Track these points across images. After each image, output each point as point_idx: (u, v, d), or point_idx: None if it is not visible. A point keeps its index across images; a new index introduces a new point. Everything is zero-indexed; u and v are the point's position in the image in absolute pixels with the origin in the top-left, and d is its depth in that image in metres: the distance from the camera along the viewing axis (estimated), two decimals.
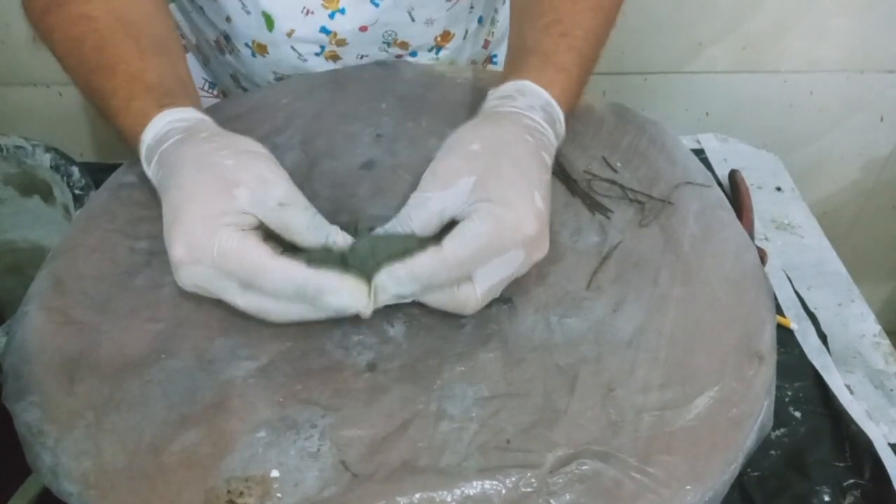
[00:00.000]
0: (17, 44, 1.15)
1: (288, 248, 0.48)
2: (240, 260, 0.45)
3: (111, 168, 0.64)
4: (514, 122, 0.52)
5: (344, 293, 0.45)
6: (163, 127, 0.52)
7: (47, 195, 0.76)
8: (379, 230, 0.50)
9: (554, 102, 0.55)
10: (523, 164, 0.49)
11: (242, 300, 0.47)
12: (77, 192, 0.71)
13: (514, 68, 0.58)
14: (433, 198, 0.48)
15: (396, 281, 0.46)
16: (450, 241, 0.46)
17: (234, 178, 0.47)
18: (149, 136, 0.53)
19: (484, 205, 0.46)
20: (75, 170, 0.72)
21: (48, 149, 0.73)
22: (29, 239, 0.82)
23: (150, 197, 0.59)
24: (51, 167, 0.73)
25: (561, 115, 0.56)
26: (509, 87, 0.56)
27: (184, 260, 0.46)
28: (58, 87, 1.22)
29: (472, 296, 0.47)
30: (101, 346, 0.49)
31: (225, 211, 0.46)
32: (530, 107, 0.54)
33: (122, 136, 0.56)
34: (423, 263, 0.45)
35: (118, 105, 0.55)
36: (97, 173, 0.69)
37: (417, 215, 0.49)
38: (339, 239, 0.49)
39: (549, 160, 0.53)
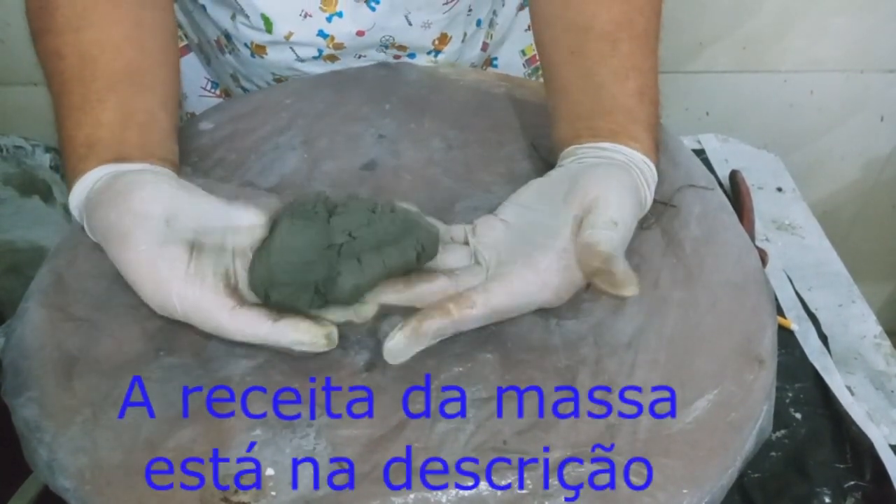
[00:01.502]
0: (17, 44, 1.15)
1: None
2: (202, 318, 0.47)
3: None
4: (638, 205, 0.52)
5: (305, 339, 0.46)
6: (78, 197, 0.53)
7: (47, 195, 0.77)
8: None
9: (653, 183, 0.55)
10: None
11: None
12: None
13: (626, 133, 0.55)
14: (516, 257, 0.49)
15: (429, 335, 0.47)
16: (499, 291, 0.47)
17: (144, 229, 0.48)
18: (73, 207, 0.53)
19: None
20: None
21: (48, 149, 0.74)
22: (29, 239, 0.82)
23: None
24: (50, 167, 0.73)
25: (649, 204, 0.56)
26: (637, 156, 0.54)
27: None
28: None
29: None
30: (99, 343, 0.49)
31: (171, 266, 0.47)
32: (648, 192, 0.54)
33: None
34: (466, 315, 0.46)
35: (63, 162, 0.55)
36: None
37: (489, 238, 0.49)
38: (255, 217, 0.49)
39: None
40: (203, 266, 0.47)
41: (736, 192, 0.85)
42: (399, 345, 0.45)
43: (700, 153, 0.92)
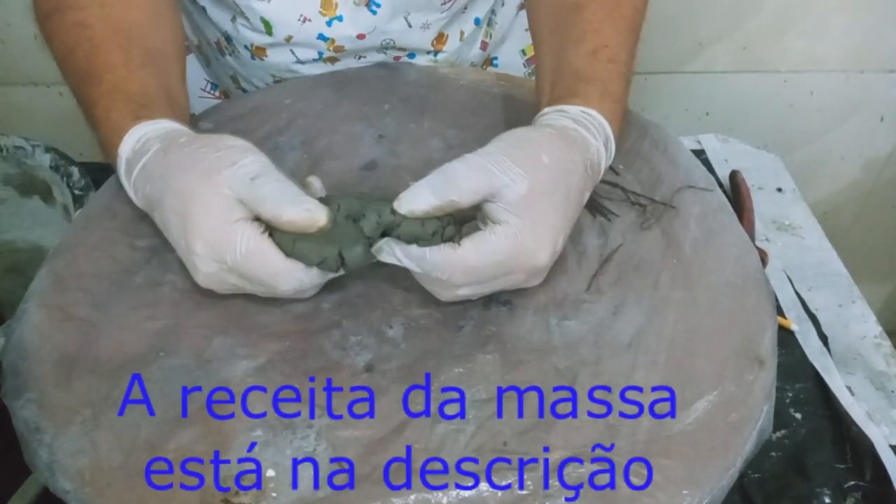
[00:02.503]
0: (17, 44, 1.15)
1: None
2: (258, 264, 0.47)
3: (111, 168, 0.64)
4: (582, 152, 0.51)
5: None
6: (138, 140, 0.52)
7: (47, 195, 0.76)
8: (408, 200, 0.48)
9: (612, 137, 0.54)
10: (570, 202, 0.49)
11: (252, 289, 0.49)
12: (77, 192, 0.71)
13: (570, 92, 0.56)
14: (493, 174, 0.47)
15: (404, 254, 0.47)
16: (468, 244, 0.46)
17: (218, 169, 0.48)
18: (126, 149, 0.52)
19: (514, 222, 0.46)
20: (75, 170, 0.72)
21: (48, 149, 0.73)
22: (28, 239, 0.82)
23: None
24: (50, 167, 0.73)
25: (613, 151, 0.55)
26: (575, 111, 0.54)
27: (207, 259, 0.47)
28: (58, 87, 1.22)
29: (452, 293, 0.48)
30: (99, 343, 0.49)
31: (230, 206, 0.47)
32: (595, 138, 0.53)
33: (102, 147, 0.56)
34: (435, 256, 0.46)
35: (99, 115, 0.55)
36: (97, 173, 0.69)
37: (468, 179, 0.47)
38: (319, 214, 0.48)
39: (587, 196, 0.53)
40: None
41: (736, 193, 0.85)
42: (398, 249, 0.47)
43: (700, 153, 0.92)
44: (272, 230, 0.47)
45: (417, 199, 0.46)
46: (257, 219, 0.47)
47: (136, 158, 0.52)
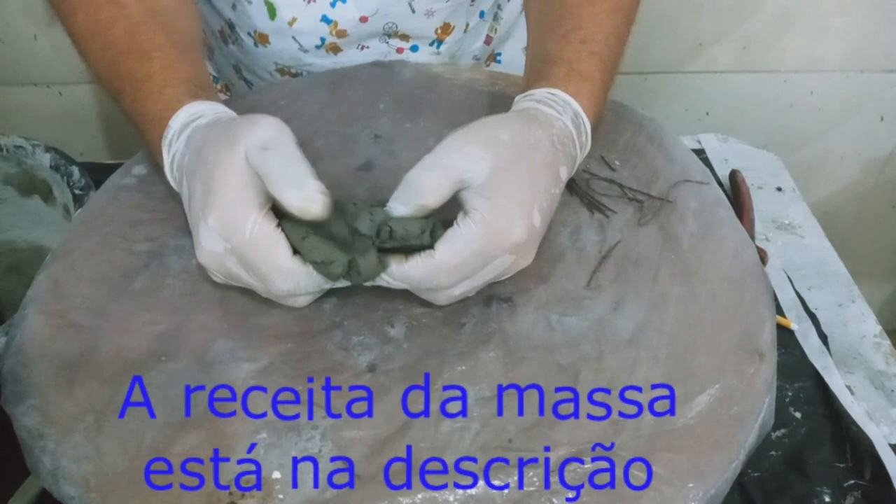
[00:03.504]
0: (18, 44, 1.15)
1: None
2: (262, 253, 0.46)
3: (111, 168, 0.64)
4: (545, 128, 0.52)
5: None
6: (193, 115, 0.53)
7: (47, 195, 0.76)
8: (392, 207, 0.48)
9: (582, 113, 0.54)
10: (537, 175, 0.49)
11: (246, 281, 0.49)
12: (77, 192, 0.70)
13: (538, 77, 0.57)
14: (451, 165, 0.47)
15: (390, 276, 0.47)
16: (442, 246, 0.46)
17: (238, 137, 0.48)
18: (177, 121, 0.53)
19: (481, 205, 0.46)
20: (75, 170, 0.72)
21: (48, 149, 0.73)
22: (29, 239, 0.82)
23: (149, 199, 0.59)
24: (51, 167, 0.73)
25: (588, 127, 0.55)
26: (540, 93, 0.55)
27: (216, 236, 0.47)
28: (58, 87, 1.22)
29: (447, 295, 0.48)
30: (100, 349, 0.49)
31: (247, 181, 0.47)
32: (561, 115, 0.53)
33: (137, 119, 0.56)
34: (416, 270, 0.46)
35: (150, 89, 0.55)
36: (97, 173, 0.69)
37: (428, 179, 0.47)
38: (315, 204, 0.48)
39: (566, 174, 0.52)
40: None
41: (736, 192, 0.85)
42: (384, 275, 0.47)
43: (700, 153, 0.92)
44: (285, 217, 0.47)
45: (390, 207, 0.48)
46: (273, 207, 0.47)
47: (182, 130, 0.52)
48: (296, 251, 0.47)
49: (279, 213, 0.47)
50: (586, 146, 0.56)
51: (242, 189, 0.46)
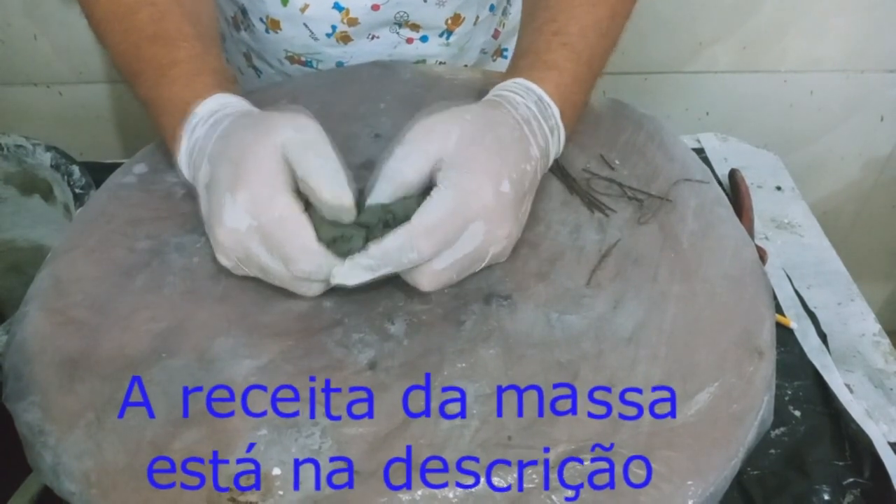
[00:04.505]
0: (17, 44, 1.15)
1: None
2: (290, 232, 0.47)
3: (111, 168, 0.64)
4: (509, 109, 0.54)
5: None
6: (221, 104, 0.54)
7: (48, 194, 0.76)
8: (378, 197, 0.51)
9: (546, 98, 0.56)
10: (504, 146, 0.51)
11: (264, 261, 0.49)
12: (77, 191, 0.71)
13: (509, 71, 0.60)
14: (419, 142, 0.50)
15: (369, 257, 0.48)
16: (417, 214, 0.48)
17: (278, 128, 0.49)
18: (204, 108, 0.54)
19: (451, 174, 0.48)
20: (76, 169, 0.72)
21: (49, 148, 0.73)
22: (29, 238, 0.82)
23: (150, 197, 0.60)
24: (51, 166, 0.73)
25: (556, 111, 0.56)
26: (505, 83, 0.57)
27: (242, 213, 0.48)
28: (58, 87, 1.22)
29: (431, 273, 0.49)
30: (101, 346, 0.49)
31: (280, 167, 0.48)
32: (525, 98, 0.55)
33: (157, 102, 0.57)
34: (396, 240, 0.47)
35: (177, 74, 0.56)
36: (97, 173, 0.69)
37: (405, 162, 0.50)
38: (349, 214, 0.50)
39: (538, 153, 0.54)
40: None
41: (735, 191, 0.85)
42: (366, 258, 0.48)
43: (700, 152, 0.93)
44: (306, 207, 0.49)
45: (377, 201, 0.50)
46: (298, 193, 0.49)
47: (209, 116, 0.53)
48: None
49: None
50: (558, 132, 0.57)
51: (275, 173, 0.48)
